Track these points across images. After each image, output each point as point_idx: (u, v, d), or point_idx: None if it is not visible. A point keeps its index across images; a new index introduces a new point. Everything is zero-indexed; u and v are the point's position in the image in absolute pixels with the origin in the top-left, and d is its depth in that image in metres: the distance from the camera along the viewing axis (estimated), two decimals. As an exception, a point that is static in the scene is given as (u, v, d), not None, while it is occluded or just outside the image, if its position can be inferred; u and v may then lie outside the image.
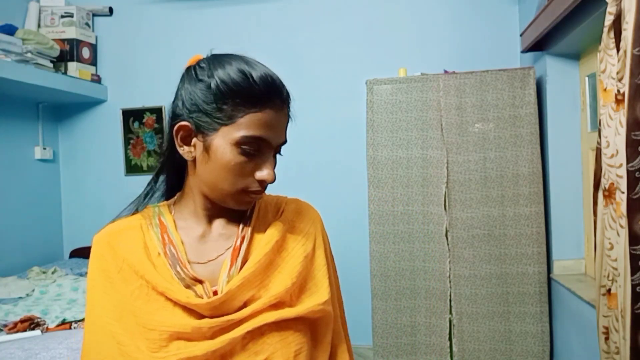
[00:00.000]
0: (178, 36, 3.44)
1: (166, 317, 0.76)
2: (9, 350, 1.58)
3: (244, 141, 0.76)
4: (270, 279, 0.81)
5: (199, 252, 0.83)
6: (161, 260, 0.81)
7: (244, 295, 0.78)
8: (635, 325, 1.31)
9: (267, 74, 0.79)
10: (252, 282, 0.79)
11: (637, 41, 1.26)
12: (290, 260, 0.83)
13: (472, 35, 3.10)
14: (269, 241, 0.83)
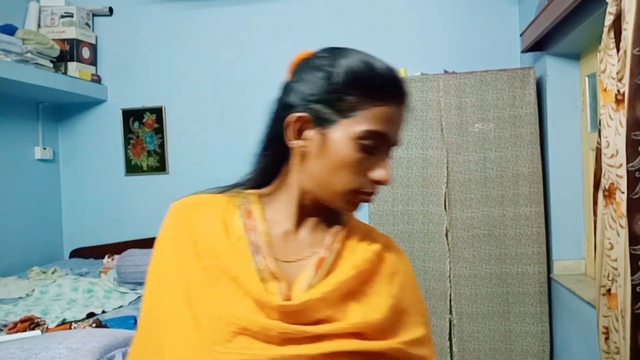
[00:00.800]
0: (178, 36, 3.44)
1: (235, 307, 0.69)
2: (9, 350, 1.58)
3: (365, 136, 0.71)
4: (350, 306, 0.73)
5: (280, 250, 0.77)
6: (242, 244, 0.75)
7: (320, 312, 0.71)
8: (635, 325, 1.31)
9: (392, 67, 0.75)
10: (331, 301, 0.72)
11: (637, 41, 1.26)
12: (374, 296, 0.76)
13: (472, 35, 3.10)
14: (356, 266, 0.75)
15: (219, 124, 3.39)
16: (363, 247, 0.79)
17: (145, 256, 2.93)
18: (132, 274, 2.87)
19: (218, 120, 3.39)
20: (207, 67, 3.40)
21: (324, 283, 0.73)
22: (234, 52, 3.37)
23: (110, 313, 2.28)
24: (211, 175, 3.36)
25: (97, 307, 2.34)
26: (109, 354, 1.63)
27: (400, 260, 0.84)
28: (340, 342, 0.70)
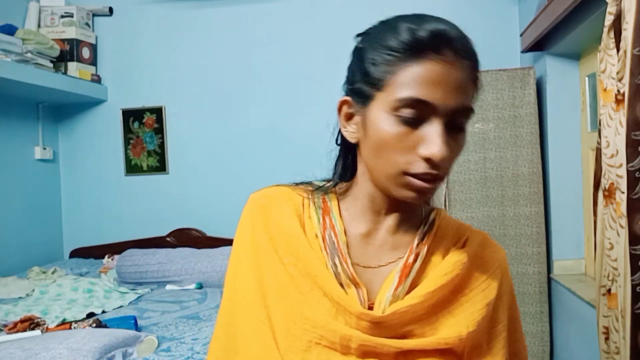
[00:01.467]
0: (178, 36, 3.44)
1: (313, 311, 0.64)
2: (9, 350, 1.58)
3: (399, 105, 0.60)
4: (439, 319, 0.66)
5: (360, 253, 0.70)
6: (318, 243, 0.69)
7: (406, 325, 0.65)
8: (635, 325, 1.31)
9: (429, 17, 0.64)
10: (419, 314, 0.65)
11: (637, 41, 1.26)
12: (468, 305, 0.68)
13: (472, 35, 3.05)
14: (448, 272, 0.67)
15: (219, 124, 3.39)
16: (455, 249, 0.71)
17: (146, 256, 2.93)
18: (132, 274, 2.88)
19: (218, 120, 3.39)
20: (207, 67, 3.40)
21: (413, 294, 0.66)
22: (234, 52, 3.37)
23: (110, 313, 2.28)
24: (211, 175, 3.38)
25: (97, 307, 2.34)
26: (109, 354, 1.63)
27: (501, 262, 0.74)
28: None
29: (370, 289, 0.68)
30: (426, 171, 0.61)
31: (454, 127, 0.62)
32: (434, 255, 0.70)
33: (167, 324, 2.08)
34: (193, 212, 3.39)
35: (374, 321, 0.64)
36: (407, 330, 0.65)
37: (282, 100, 3.30)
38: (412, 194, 0.63)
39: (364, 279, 0.68)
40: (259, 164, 3.30)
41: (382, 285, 0.67)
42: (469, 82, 0.62)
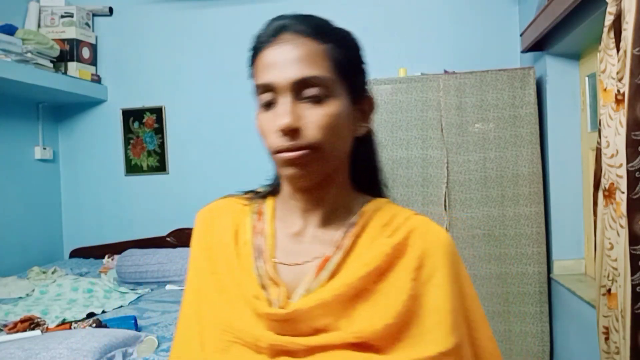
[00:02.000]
0: (178, 36, 3.44)
1: (233, 316, 0.68)
2: (9, 350, 1.58)
3: (257, 94, 0.68)
4: (358, 311, 0.65)
5: (289, 252, 0.72)
6: (246, 249, 0.72)
7: (315, 321, 0.65)
8: (635, 325, 1.31)
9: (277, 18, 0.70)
10: (331, 308, 0.65)
11: (637, 41, 1.26)
12: (389, 295, 0.66)
13: (472, 35, 3.10)
14: (368, 263, 0.67)
15: (219, 124, 3.39)
16: (381, 238, 0.70)
17: (145, 256, 2.93)
18: (132, 274, 2.88)
19: (218, 120, 3.39)
20: (207, 67, 3.40)
21: (326, 287, 0.66)
22: (234, 52, 3.36)
23: (110, 313, 2.28)
24: (211, 175, 3.38)
25: (97, 307, 2.34)
26: (109, 354, 1.63)
27: (436, 247, 0.70)
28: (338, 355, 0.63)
29: (291, 287, 0.69)
30: (284, 143, 0.65)
31: (308, 98, 0.66)
32: (358, 246, 0.70)
33: (167, 324, 2.08)
34: (193, 212, 3.35)
35: (281, 319, 0.65)
36: (323, 325, 0.65)
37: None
38: (288, 170, 0.67)
39: (288, 278, 0.69)
40: (259, 163, 3.29)
41: (301, 282, 0.69)
42: (316, 56, 0.66)
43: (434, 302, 0.67)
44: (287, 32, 0.67)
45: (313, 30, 0.68)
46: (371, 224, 0.72)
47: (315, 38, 0.68)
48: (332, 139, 0.67)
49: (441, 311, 0.67)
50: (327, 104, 0.66)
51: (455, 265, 0.71)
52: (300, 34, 0.67)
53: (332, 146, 0.67)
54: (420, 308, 0.67)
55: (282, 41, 0.67)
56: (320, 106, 0.66)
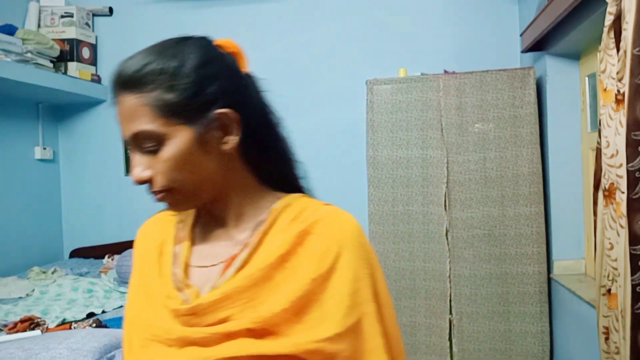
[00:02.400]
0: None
1: (151, 316, 0.74)
2: (9, 350, 1.58)
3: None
4: (261, 299, 0.69)
5: (204, 255, 0.77)
6: (167, 259, 0.78)
7: (219, 313, 0.69)
8: (635, 325, 1.31)
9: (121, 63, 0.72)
10: (234, 299, 0.69)
11: (637, 41, 1.26)
12: (291, 281, 0.70)
13: (472, 35, 3.10)
14: (271, 254, 0.71)
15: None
16: (286, 231, 0.73)
17: (145, 256, 2.93)
18: (132, 274, 2.87)
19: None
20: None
21: (229, 282, 0.71)
22: (234, 52, 3.37)
23: (110, 313, 2.28)
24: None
25: (97, 307, 2.34)
26: (109, 354, 1.63)
27: (340, 234, 0.73)
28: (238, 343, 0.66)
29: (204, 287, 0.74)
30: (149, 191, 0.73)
31: (146, 150, 0.70)
32: (266, 243, 0.74)
33: (167, 324, 2.08)
34: (193, 212, 3.39)
35: (187, 314, 0.70)
36: (226, 315, 0.69)
37: (282, 100, 3.30)
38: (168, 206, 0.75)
39: (200, 279, 0.74)
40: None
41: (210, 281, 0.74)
42: (135, 110, 0.69)
43: (335, 286, 0.70)
44: (117, 88, 0.71)
45: (132, 83, 0.69)
46: (279, 220, 0.75)
47: (135, 92, 0.69)
48: (180, 178, 0.71)
49: (341, 294, 0.70)
50: (163, 150, 0.69)
51: (360, 250, 0.74)
52: (125, 90, 0.70)
53: (183, 184, 0.71)
54: (322, 292, 0.70)
55: (116, 97, 0.71)
56: (159, 153, 0.70)
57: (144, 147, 0.70)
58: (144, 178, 0.71)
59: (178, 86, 0.69)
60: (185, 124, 0.70)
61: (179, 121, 0.69)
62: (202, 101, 0.70)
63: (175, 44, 0.73)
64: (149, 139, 0.69)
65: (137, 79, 0.69)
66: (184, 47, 0.72)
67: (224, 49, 0.76)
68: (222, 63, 0.74)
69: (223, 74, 0.73)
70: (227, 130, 0.73)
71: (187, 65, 0.70)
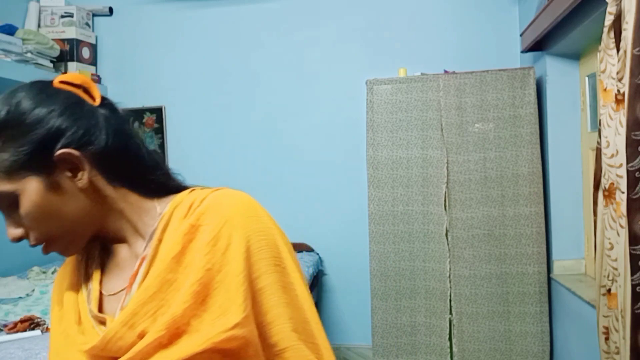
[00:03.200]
0: (178, 36, 3.44)
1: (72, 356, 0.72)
2: (9, 350, 1.58)
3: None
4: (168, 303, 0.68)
5: (115, 280, 0.76)
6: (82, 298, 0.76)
7: (134, 330, 0.67)
8: (635, 325, 1.31)
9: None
10: (143, 313, 0.67)
11: (637, 41, 1.26)
12: (188, 277, 0.68)
13: (472, 35, 3.10)
14: (165, 257, 0.70)
15: (219, 124, 3.39)
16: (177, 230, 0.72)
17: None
18: (132, 274, 2.87)
19: (218, 120, 3.39)
20: (207, 67, 3.40)
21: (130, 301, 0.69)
22: (234, 52, 3.37)
23: (110, 313, 2.28)
24: (211, 175, 3.38)
25: (97, 307, 2.34)
26: (109, 354, 1.63)
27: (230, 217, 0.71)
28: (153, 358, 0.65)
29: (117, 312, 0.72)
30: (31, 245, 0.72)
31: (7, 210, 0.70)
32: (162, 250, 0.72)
33: (167, 324, 2.08)
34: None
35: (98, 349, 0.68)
36: (142, 329, 0.67)
37: (282, 100, 3.30)
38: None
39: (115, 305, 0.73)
40: (259, 164, 3.31)
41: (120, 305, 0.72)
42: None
43: (233, 269, 0.68)
44: None
45: None
46: (172, 222, 0.74)
47: None
48: (50, 227, 0.70)
49: (236, 279, 0.68)
50: (20, 207, 0.68)
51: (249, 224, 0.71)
52: None
53: (56, 232, 0.71)
54: (223, 278, 0.68)
55: None
56: (19, 211, 0.69)
57: (5, 207, 0.69)
58: (18, 236, 0.70)
59: (10, 143, 0.67)
60: (30, 175, 0.68)
61: (23, 175, 0.67)
62: (38, 149, 0.68)
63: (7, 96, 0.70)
64: (5, 199, 0.68)
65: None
66: (12, 98, 0.69)
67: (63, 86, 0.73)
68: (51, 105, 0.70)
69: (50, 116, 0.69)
70: (76, 167, 0.71)
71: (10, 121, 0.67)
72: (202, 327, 0.66)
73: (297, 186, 3.28)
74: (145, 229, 0.76)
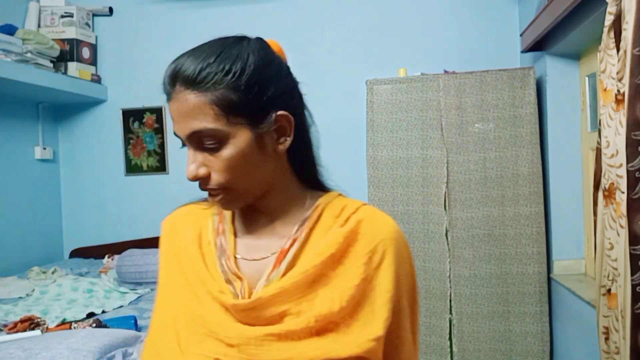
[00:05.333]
0: (178, 36, 3.44)
1: (204, 311, 0.73)
2: (9, 350, 1.58)
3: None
4: (317, 295, 0.71)
5: (251, 248, 0.78)
6: (210, 250, 0.78)
7: (278, 307, 0.70)
8: (635, 325, 1.31)
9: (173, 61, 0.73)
10: (292, 294, 0.71)
11: (637, 41, 1.26)
12: (345, 279, 0.72)
13: (472, 35, 3.10)
14: (323, 251, 0.73)
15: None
16: (333, 229, 0.76)
17: (146, 256, 2.93)
18: (132, 274, 2.87)
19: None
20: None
21: (286, 277, 0.72)
22: (234, 52, 3.37)
23: (110, 313, 2.28)
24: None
25: (97, 307, 2.34)
26: (109, 354, 1.63)
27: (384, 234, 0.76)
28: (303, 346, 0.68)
29: (255, 280, 0.74)
30: (202, 187, 0.73)
31: (206, 147, 0.70)
32: (314, 238, 0.76)
33: (167, 324, 2.08)
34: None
35: (246, 309, 0.70)
36: (285, 309, 0.70)
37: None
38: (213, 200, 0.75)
39: (250, 271, 0.75)
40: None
41: (262, 275, 0.74)
42: (198, 108, 0.69)
43: (382, 284, 0.73)
44: (177, 84, 0.70)
45: (196, 81, 0.69)
46: (324, 216, 0.78)
47: (198, 89, 0.69)
48: (237, 178, 0.72)
49: (385, 295, 0.73)
50: (224, 149, 0.70)
51: (401, 249, 0.77)
52: (187, 87, 0.69)
53: (240, 183, 0.73)
54: (371, 290, 0.73)
55: (175, 93, 0.70)
56: (219, 152, 0.70)
57: (203, 144, 0.70)
58: (201, 175, 0.71)
59: (242, 87, 0.69)
60: (247, 124, 0.70)
61: (241, 121, 0.70)
62: (263, 103, 0.71)
63: (235, 44, 0.73)
64: (211, 137, 0.69)
65: (202, 77, 0.69)
66: (244, 48, 0.72)
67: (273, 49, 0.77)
68: (279, 65, 0.75)
69: (280, 76, 0.74)
70: (283, 132, 0.74)
71: (251, 67, 0.70)
72: (350, 331, 0.70)
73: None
74: (295, 212, 0.79)
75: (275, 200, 0.78)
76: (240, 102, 0.69)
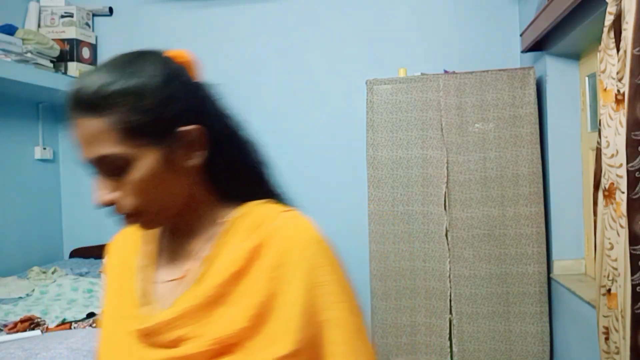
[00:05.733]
0: (178, 36, 3.44)
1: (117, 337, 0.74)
2: (9, 350, 1.58)
3: None
4: (217, 316, 0.68)
5: (168, 269, 0.77)
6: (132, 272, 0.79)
7: (175, 331, 0.68)
8: (635, 325, 1.31)
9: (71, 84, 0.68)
10: (191, 317, 0.68)
11: (637, 41, 1.26)
12: (248, 297, 0.68)
13: (472, 35, 3.10)
14: (226, 269, 0.70)
15: (219, 124, 3.39)
16: (241, 244, 0.72)
17: (145, 256, 2.92)
18: (132, 274, 2.87)
19: (218, 120, 3.39)
20: (207, 67, 3.39)
21: (186, 298, 0.70)
22: (234, 52, 3.37)
23: (110, 313, 2.28)
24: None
25: (97, 307, 2.34)
26: (109, 354, 1.63)
27: (295, 245, 0.71)
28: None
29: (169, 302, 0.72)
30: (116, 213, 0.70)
31: (114, 172, 0.67)
32: (222, 255, 0.72)
33: (167, 324, 2.08)
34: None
35: (144, 334, 0.70)
36: (180, 335, 0.68)
37: (282, 100, 3.30)
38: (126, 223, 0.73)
39: (165, 294, 0.74)
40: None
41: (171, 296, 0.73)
42: (98, 133, 0.65)
43: (289, 297, 0.68)
44: (76, 110, 0.67)
45: (92, 105, 0.65)
46: (232, 231, 0.74)
47: (95, 114, 0.65)
48: (150, 200, 0.69)
49: (293, 309, 0.68)
50: (132, 172, 0.67)
51: (317, 257, 0.71)
52: (85, 112, 0.66)
53: (153, 205, 0.70)
54: (278, 307, 0.68)
55: (74, 119, 0.67)
56: (127, 176, 0.67)
57: (109, 170, 0.67)
58: (110, 200, 0.68)
59: (142, 107, 0.66)
60: (152, 144, 0.67)
61: (145, 142, 0.67)
62: (167, 120, 0.68)
63: (133, 61, 0.70)
64: (115, 162, 0.66)
65: (99, 101, 0.65)
66: (143, 64, 0.70)
67: (178, 61, 0.75)
68: (182, 78, 0.72)
69: (184, 89, 0.71)
70: (192, 147, 0.71)
71: (151, 84, 0.67)
72: (252, 352, 0.67)
73: (297, 186, 3.27)
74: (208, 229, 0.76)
75: (190, 217, 0.76)
76: (142, 123, 0.66)
